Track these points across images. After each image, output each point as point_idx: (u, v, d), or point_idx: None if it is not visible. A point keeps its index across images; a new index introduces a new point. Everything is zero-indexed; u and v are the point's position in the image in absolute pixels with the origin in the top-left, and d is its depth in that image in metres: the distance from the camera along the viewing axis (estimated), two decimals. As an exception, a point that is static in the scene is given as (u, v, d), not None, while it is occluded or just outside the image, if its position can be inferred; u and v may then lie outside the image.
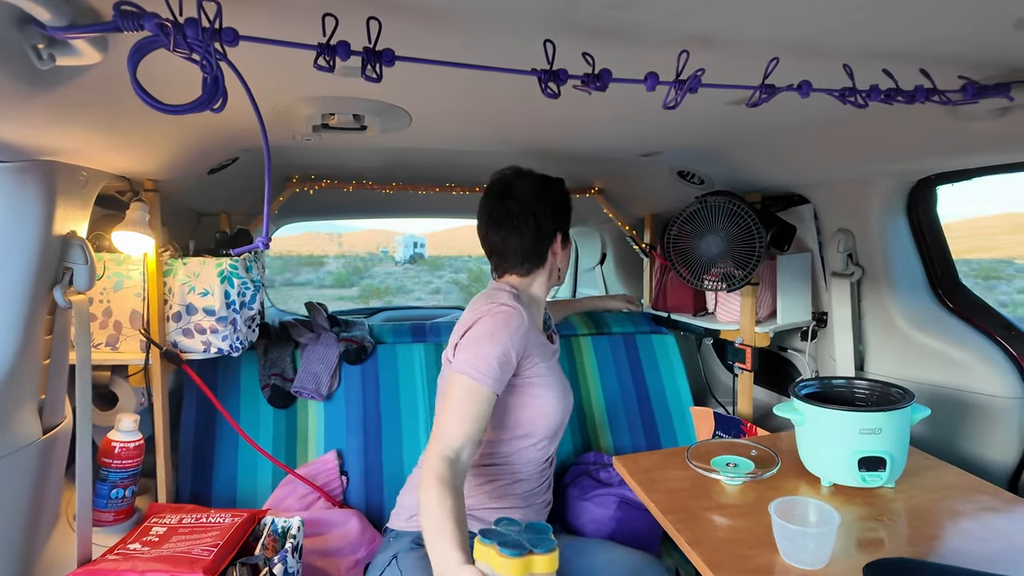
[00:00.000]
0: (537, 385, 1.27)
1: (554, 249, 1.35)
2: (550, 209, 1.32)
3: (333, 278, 22.00)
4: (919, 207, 1.54)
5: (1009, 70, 0.85)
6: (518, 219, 1.30)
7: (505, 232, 1.31)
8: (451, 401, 1.13)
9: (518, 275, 1.34)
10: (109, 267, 1.39)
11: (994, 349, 1.43)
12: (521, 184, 1.32)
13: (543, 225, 1.31)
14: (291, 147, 1.46)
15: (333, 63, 0.63)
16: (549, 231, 1.32)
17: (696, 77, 0.74)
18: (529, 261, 1.32)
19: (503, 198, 1.31)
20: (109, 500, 1.30)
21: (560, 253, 1.37)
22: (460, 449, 1.08)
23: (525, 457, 1.30)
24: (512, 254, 1.32)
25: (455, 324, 1.29)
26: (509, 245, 1.31)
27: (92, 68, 0.73)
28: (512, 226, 1.30)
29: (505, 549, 0.81)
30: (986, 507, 1.10)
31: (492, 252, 1.35)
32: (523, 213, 1.30)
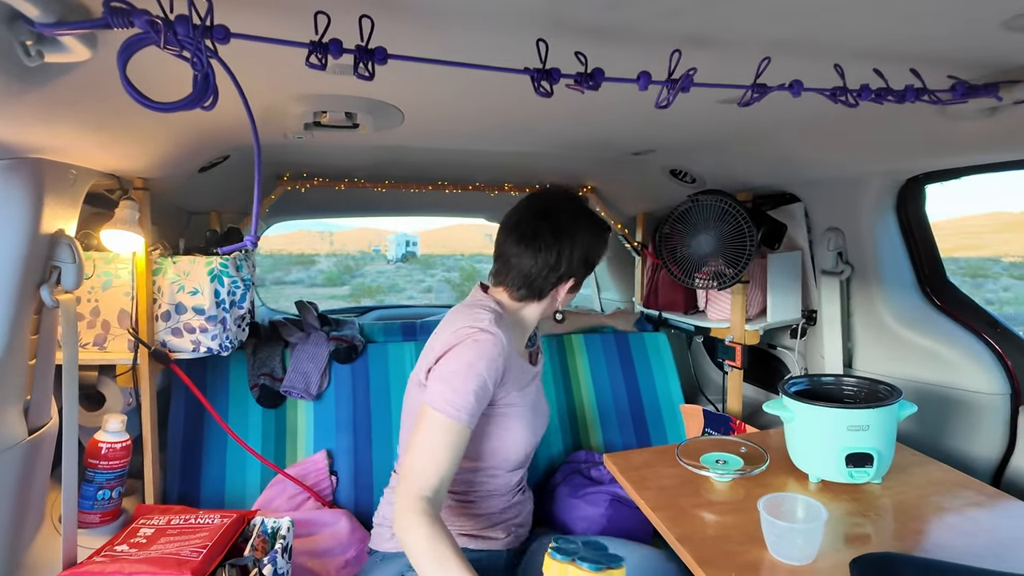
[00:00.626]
0: (507, 416, 1.21)
1: (558, 291, 1.26)
2: (580, 254, 1.22)
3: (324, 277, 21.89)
4: (908, 206, 1.55)
5: (998, 70, 0.86)
6: (543, 245, 1.20)
7: (520, 250, 1.21)
8: (425, 438, 1.07)
9: (510, 296, 1.26)
10: (98, 266, 1.38)
11: (981, 346, 1.44)
12: (567, 212, 1.23)
13: (561, 265, 1.21)
14: (282, 145, 1.45)
15: (325, 61, 0.62)
16: (564, 273, 1.23)
17: (688, 76, 0.74)
18: (527, 289, 1.24)
19: (539, 217, 1.21)
20: (95, 501, 1.29)
21: (563, 296, 1.27)
22: (438, 488, 1.04)
23: (492, 485, 1.26)
24: (516, 274, 1.23)
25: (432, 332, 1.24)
26: (518, 264, 1.22)
27: (81, 65, 0.72)
28: (533, 249, 1.20)
29: (584, 563, 0.80)
30: (971, 502, 1.11)
31: (499, 258, 1.26)
32: (551, 244, 1.20)
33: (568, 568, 0.80)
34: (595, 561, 0.80)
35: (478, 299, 1.26)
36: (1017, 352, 1.42)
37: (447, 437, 1.06)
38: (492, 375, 1.12)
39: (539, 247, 1.20)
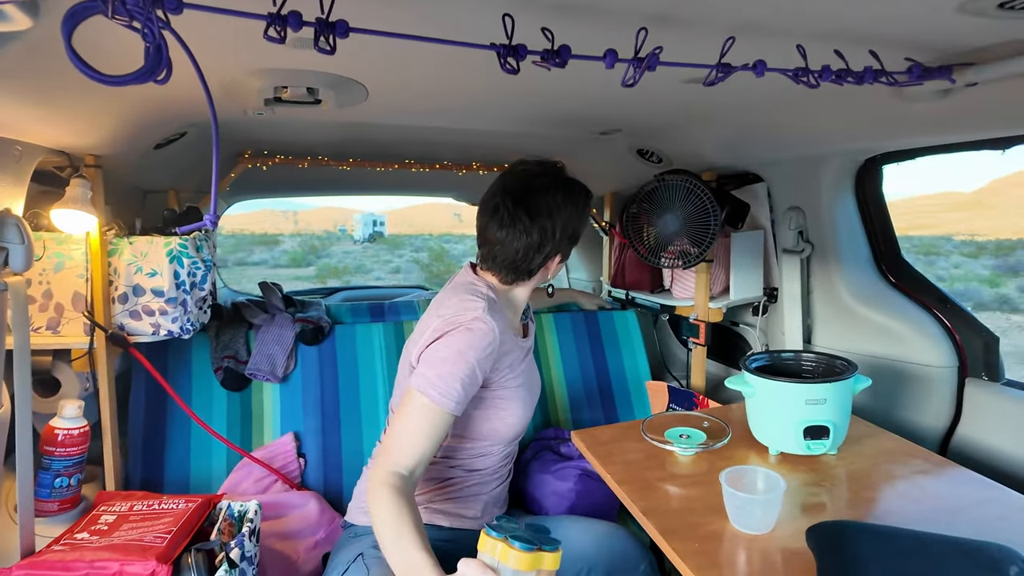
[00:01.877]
0: (503, 398, 1.23)
1: (548, 266, 1.26)
2: (563, 230, 1.21)
3: (289, 257, 21.51)
4: (866, 186, 1.60)
5: (951, 53, 0.88)
6: (523, 229, 1.18)
7: (502, 236, 1.19)
8: (407, 419, 1.07)
9: (500, 280, 1.26)
10: (48, 247, 1.32)
11: (931, 321, 1.50)
12: (544, 191, 1.20)
13: (546, 245, 1.21)
14: (242, 121, 1.41)
15: (284, 34, 0.60)
16: (551, 252, 1.23)
17: (654, 55, 0.74)
18: (515, 273, 1.23)
19: (517, 202, 1.19)
20: (53, 489, 1.25)
21: (554, 268, 1.28)
22: (413, 468, 1.04)
23: (484, 463, 1.28)
24: (501, 259, 1.22)
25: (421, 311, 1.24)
26: (503, 250, 1.21)
27: (22, 35, 0.68)
28: (515, 233, 1.19)
29: (516, 542, 0.79)
30: (919, 470, 1.17)
31: (483, 245, 1.25)
32: (530, 227, 1.18)
33: (499, 545, 0.80)
34: (529, 541, 0.79)
35: (470, 281, 1.25)
36: (965, 326, 1.48)
37: (429, 420, 1.07)
38: (483, 364, 1.12)
39: (520, 231, 1.18)
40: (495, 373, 1.19)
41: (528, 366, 1.33)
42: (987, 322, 1.48)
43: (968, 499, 1.06)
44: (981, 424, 1.41)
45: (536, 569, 0.80)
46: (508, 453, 1.33)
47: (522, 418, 1.26)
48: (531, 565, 0.79)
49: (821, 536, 0.88)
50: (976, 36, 0.82)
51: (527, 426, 1.32)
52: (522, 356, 1.30)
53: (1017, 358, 9.37)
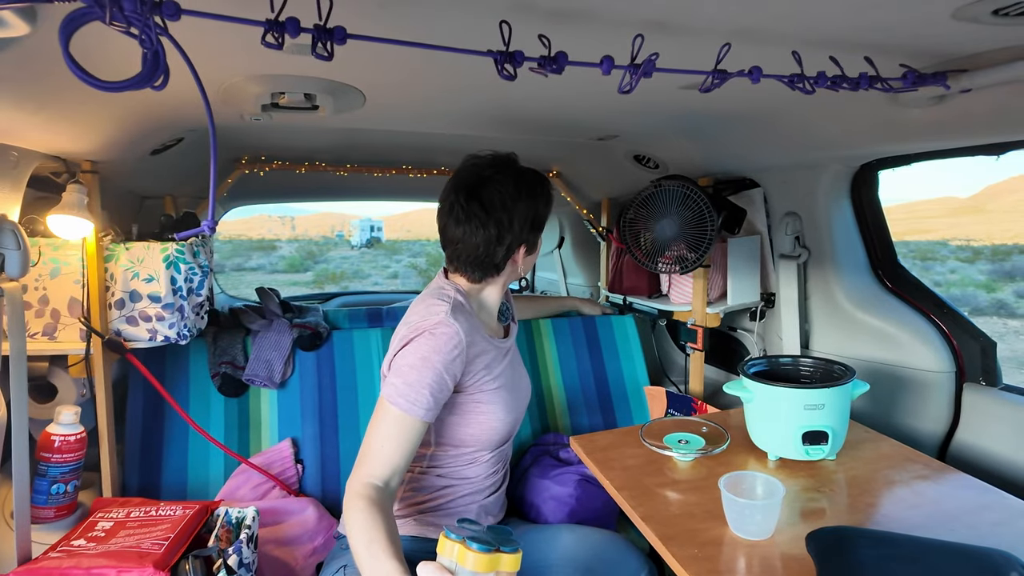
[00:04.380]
0: (481, 402, 1.19)
1: (515, 259, 1.22)
2: (521, 220, 1.17)
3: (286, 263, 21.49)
4: (862, 191, 1.60)
5: (946, 59, 0.89)
6: (479, 223, 1.15)
7: (461, 233, 1.17)
8: (379, 429, 1.06)
9: (468, 280, 1.23)
10: (45, 253, 1.32)
11: (928, 326, 1.51)
12: (496, 182, 1.16)
13: (505, 237, 1.17)
14: (239, 127, 1.41)
15: (282, 40, 0.60)
16: (513, 244, 1.19)
17: (650, 62, 0.74)
18: (482, 270, 1.20)
19: (470, 197, 1.15)
20: (49, 496, 1.25)
21: (523, 261, 1.24)
22: (388, 478, 1.03)
23: (473, 471, 1.25)
24: (465, 258, 1.19)
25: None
26: (464, 249, 1.18)
27: (19, 41, 0.68)
28: (472, 228, 1.16)
29: (474, 543, 0.79)
30: (918, 475, 1.17)
31: (446, 246, 1.22)
32: (486, 220, 1.15)
33: (456, 547, 0.80)
34: (487, 543, 0.79)
35: (439, 286, 1.23)
36: (961, 331, 1.48)
37: (400, 430, 1.05)
38: (451, 369, 1.10)
39: (477, 226, 1.15)
40: (468, 377, 1.16)
41: (510, 367, 1.29)
42: (984, 327, 1.48)
43: (967, 504, 1.06)
44: (979, 429, 1.41)
45: (495, 570, 0.79)
46: (498, 459, 1.30)
47: (505, 421, 1.22)
48: (489, 566, 0.78)
49: (821, 542, 0.88)
50: (970, 42, 0.83)
51: (515, 430, 1.30)
52: (500, 357, 1.25)
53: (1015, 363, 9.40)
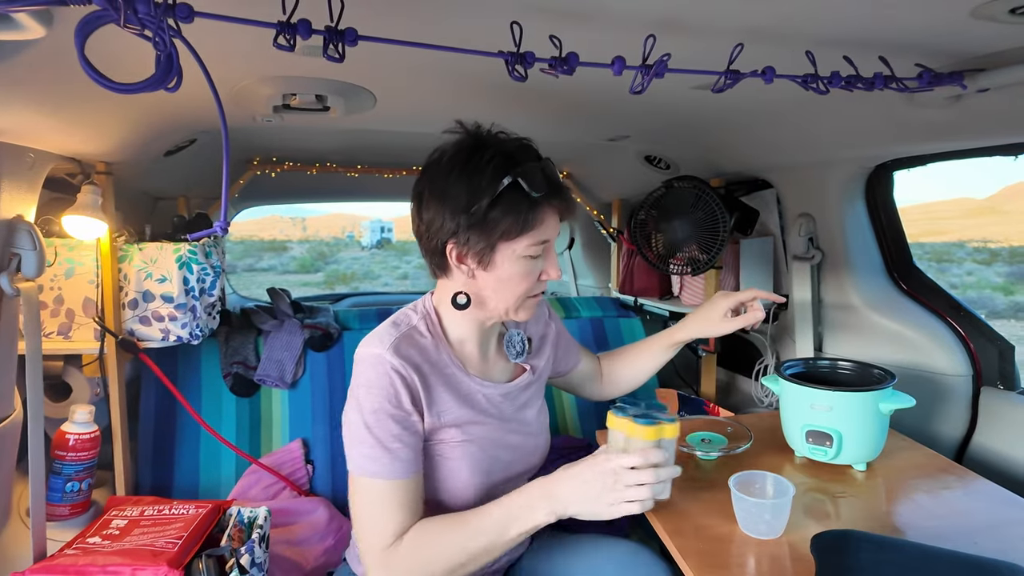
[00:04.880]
0: (445, 457, 0.98)
1: (450, 261, 0.96)
2: (438, 203, 0.92)
3: (297, 263, 21.62)
4: (876, 192, 1.58)
5: (963, 58, 0.88)
6: (414, 202, 0.98)
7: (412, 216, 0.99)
8: (363, 508, 0.92)
9: (438, 281, 1.04)
10: (60, 253, 1.34)
11: (945, 329, 1.49)
12: (435, 164, 0.94)
13: (430, 224, 0.94)
14: (251, 128, 1.42)
15: (293, 42, 0.61)
16: (437, 235, 0.93)
17: (662, 62, 0.74)
18: (432, 264, 1.00)
19: (420, 175, 0.97)
20: (64, 494, 1.26)
21: (476, 270, 0.95)
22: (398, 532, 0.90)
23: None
24: (424, 255, 1.01)
25: None
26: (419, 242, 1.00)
27: (36, 43, 0.69)
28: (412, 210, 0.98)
29: (639, 419, 0.93)
30: (945, 486, 1.13)
31: None
32: (416, 197, 0.97)
33: (625, 422, 0.94)
34: (651, 417, 0.94)
35: (416, 303, 1.06)
36: (978, 335, 1.46)
37: (380, 496, 0.91)
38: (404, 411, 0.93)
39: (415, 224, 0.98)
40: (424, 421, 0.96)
41: (497, 419, 1.05)
42: (1002, 330, 1.46)
43: (994, 517, 1.03)
44: (997, 433, 1.38)
45: (659, 438, 0.93)
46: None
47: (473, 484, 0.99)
48: (655, 435, 0.92)
49: (824, 543, 0.87)
50: (987, 41, 0.81)
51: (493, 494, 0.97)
52: (475, 413, 1.02)
53: (1033, 367, 9.22)
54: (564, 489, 0.88)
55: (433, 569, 0.88)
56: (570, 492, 0.88)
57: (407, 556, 0.89)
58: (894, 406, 1.16)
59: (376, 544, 0.90)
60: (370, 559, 0.91)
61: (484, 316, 1.02)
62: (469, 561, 0.89)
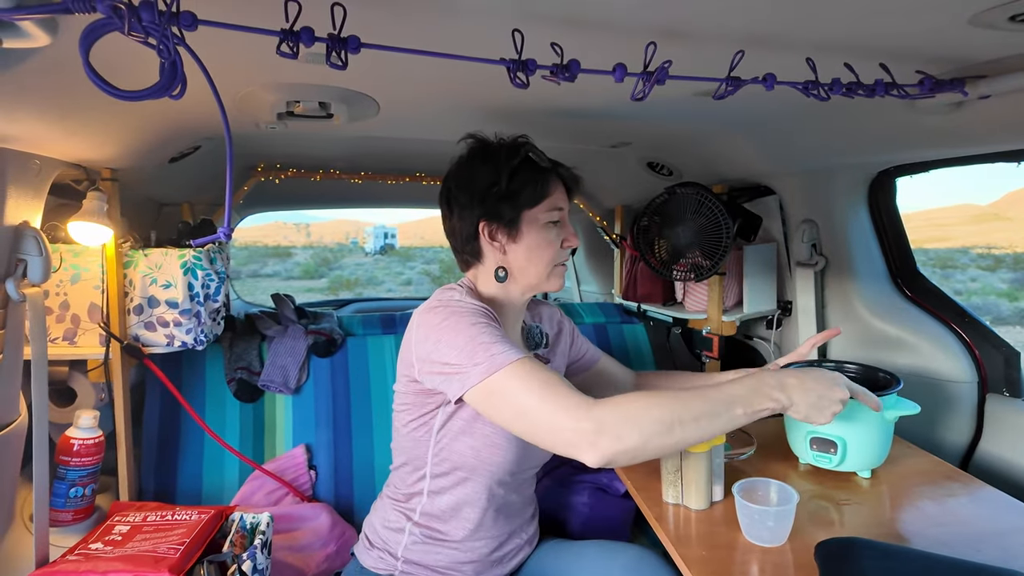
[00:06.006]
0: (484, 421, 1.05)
1: (483, 241, 1.10)
2: (467, 192, 1.09)
3: (301, 269, 21.67)
4: (879, 198, 1.58)
5: (963, 65, 0.88)
6: (443, 204, 1.15)
7: (443, 217, 1.16)
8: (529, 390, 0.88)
9: (467, 273, 1.17)
10: (66, 259, 1.34)
11: (949, 335, 1.48)
12: (459, 160, 1.14)
13: (461, 213, 1.11)
14: (255, 135, 1.43)
15: (297, 49, 0.61)
16: (470, 219, 1.10)
17: (663, 69, 0.74)
18: (462, 257, 1.15)
19: (445, 178, 1.16)
20: (68, 499, 1.27)
21: (507, 244, 1.10)
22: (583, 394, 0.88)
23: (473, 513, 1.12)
24: (453, 246, 1.16)
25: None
26: (448, 235, 1.16)
27: (41, 51, 0.70)
28: (443, 212, 1.15)
29: None
30: (950, 493, 1.13)
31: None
32: (446, 197, 1.14)
33: None
34: None
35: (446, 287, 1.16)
36: (984, 341, 1.45)
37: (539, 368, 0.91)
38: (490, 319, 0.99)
39: (443, 208, 1.15)
40: None
41: None
42: (1007, 336, 1.45)
43: (1000, 525, 1.02)
44: (1003, 440, 1.37)
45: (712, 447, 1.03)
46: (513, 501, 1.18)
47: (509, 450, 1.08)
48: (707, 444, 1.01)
49: (828, 551, 0.87)
50: (988, 49, 0.81)
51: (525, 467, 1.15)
52: None
53: (1039, 373, 9.15)
54: (794, 382, 0.92)
55: (646, 425, 0.84)
56: (799, 386, 0.91)
57: (618, 404, 0.85)
58: (899, 413, 1.15)
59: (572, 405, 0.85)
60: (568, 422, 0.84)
61: (519, 291, 1.14)
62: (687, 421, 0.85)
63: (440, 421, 1.08)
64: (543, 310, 1.35)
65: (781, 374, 0.94)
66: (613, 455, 0.83)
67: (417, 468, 1.14)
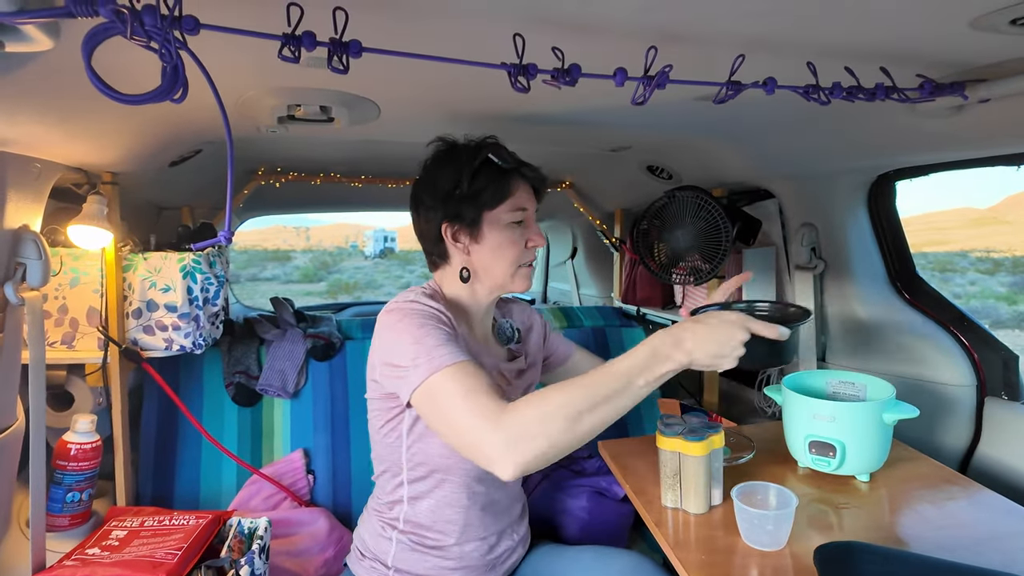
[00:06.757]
0: None
1: (447, 243, 1.11)
2: (431, 194, 1.11)
3: (300, 273, 21.66)
4: (879, 202, 1.58)
5: (964, 69, 0.88)
6: (412, 207, 1.17)
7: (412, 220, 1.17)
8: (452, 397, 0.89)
9: (435, 274, 1.18)
10: (65, 262, 1.34)
11: (948, 339, 1.48)
12: (425, 163, 1.15)
13: (427, 215, 1.12)
14: (256, 139, 1.43)
15: (298, 54, 0.61)
16: (434, 221, 1.11)
17: (664, 73, 0.74)
18: (434, 256, 1.15)
19: (413, 186, 1.17)
20: (65, 504, 1.26)
21: (470, 245, 1.10)
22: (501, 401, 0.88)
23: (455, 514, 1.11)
24: (423, 247, 1.17)
25: None
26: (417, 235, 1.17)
27: (43, 55, 0.70)
28: (412, 215, 1.17)
29: (689, 436, 1.03)
30: (950, 496, 1.13)
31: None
32: (413, 201, 1.16)
33: (678, 440, 1.05)
34: (699, 433, 1.04)
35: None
36: (983, 345, 1.46)
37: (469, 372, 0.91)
38: (439, 321, 0.99)
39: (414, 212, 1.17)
40: None
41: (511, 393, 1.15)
42: (1005, 340, 1.45)
43: (1000, 528, 1.02)
44: (1002, 444, 1.37)
45: (711, 450, 1.05)
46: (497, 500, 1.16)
47: None
48: (706, 449, 1.03)
49: (827, 555, 0.87)
50: (988, 52, 0.82)
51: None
52: (493, 369, 1.16)
53: (1037, 377, 9.15)
54: (688, 335, 0.89)
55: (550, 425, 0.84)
56: (694, 338, 0.88)
57: (523, 411, 0.85)
58: (898, 416, 1.15)
59: (486, 414, 0.86)
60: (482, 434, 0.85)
61: (485, 292, 1.15)
62: (591, 408, 0.85)
63: (407, 424, 1.08)
64: (513, 307, 1.35)
65: (675, 330, 0.90)
66: (525, 466, 0.84)
67: (395, 475, 1.13)
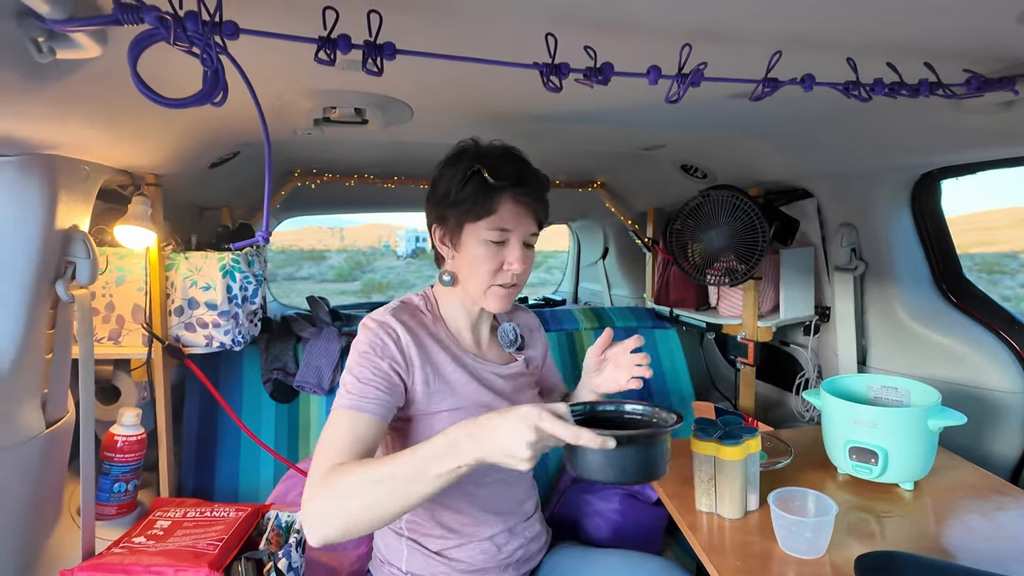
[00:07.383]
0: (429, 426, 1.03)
1: (438, 244, 1.12)
2: (432, 193, 1.12)
3: (335, 272, 21.97)
4: (923, 201, 1.53)
5: (1013, 64, 0.84)
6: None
7: None
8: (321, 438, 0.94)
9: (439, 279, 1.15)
10: (111, 261, 1.39)
11: (998, 344, 1.42)
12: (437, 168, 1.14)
13: (428, 213, 1.13)
14: (292, 141, 1.46)
15: (334, 57, 0.62)
16: (429, 220, 1.13)
17: (698, 71, 0.73)
18: (438, 258, 1.15)
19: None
20: (111, 494, 1.31)
21: (452, 251, 1.09)
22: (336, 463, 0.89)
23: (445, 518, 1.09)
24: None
25: None
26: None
27: (92, 62, 0.72)
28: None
29: (726, 440, 1.04)
30: (1000, 507, 1.09)
31: None
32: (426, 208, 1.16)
33: (713, 444, 1.05)
34: (736, 437, 1.04)
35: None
36: (1034, 349, 1.39)
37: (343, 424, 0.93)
38: (388, 359, 1.00)
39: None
40: (421, 386, 1.03)
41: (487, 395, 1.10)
42: (1059, 344, 1.38)
43: None
44: (1055, 453, 1.32)
45: (747, 455, 1.04)
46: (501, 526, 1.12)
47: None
48: (742, 453, 1.03)
49: (869, 564, 0.84)
50: (1041, 45, 0.78)
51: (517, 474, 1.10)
52: (469, 378, 1.09)
53: (1094, 383, 8.71)
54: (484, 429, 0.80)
55: (348, 505, 0.83)
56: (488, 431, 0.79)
57: (328, 486, 0.85)
58: (944, 423, 1.12)
59: (316, 471, 0.88)
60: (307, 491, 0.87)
61: (467, 298, 1.13)
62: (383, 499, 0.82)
63: (391, 434, 1.09)
64: (518, 314, 1.30)
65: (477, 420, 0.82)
66: (323, 543, 0.84)
67: None
